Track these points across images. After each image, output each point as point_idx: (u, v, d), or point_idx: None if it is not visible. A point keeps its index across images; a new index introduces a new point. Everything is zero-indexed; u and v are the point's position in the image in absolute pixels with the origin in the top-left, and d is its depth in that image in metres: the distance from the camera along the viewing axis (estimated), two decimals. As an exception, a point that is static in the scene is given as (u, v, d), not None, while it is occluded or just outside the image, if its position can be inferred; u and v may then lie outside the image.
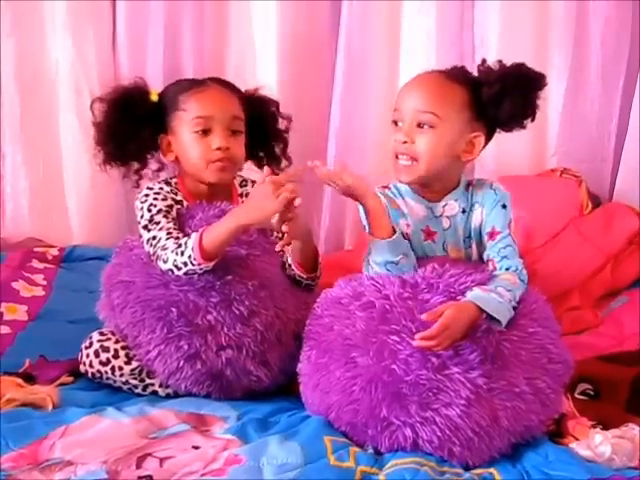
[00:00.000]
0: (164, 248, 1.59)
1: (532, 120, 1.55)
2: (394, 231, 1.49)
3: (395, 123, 1.54)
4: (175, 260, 1.56)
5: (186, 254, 1.55)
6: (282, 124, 1.82)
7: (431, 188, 1.54)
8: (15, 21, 2.32)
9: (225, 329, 1.58)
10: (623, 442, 1.41)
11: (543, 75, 1.53)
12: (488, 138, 1.57)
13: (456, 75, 1.54)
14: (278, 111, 1.81)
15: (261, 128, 1.78)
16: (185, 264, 1.56)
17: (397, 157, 1.53)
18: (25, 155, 2.39)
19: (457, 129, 1.51)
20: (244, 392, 1.62)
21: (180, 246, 1.57)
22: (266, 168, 1.65)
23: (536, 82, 1.53)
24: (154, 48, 2.40)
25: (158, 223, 1.63)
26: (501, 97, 1.49)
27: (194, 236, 1.55)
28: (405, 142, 1.51)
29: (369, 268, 1.53)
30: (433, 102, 1.50)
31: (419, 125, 1.50)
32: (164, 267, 1.58)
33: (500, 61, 1.55)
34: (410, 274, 1.48)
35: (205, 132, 1.67)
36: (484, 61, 1.57)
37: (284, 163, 1.83)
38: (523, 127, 1.56)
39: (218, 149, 1.66)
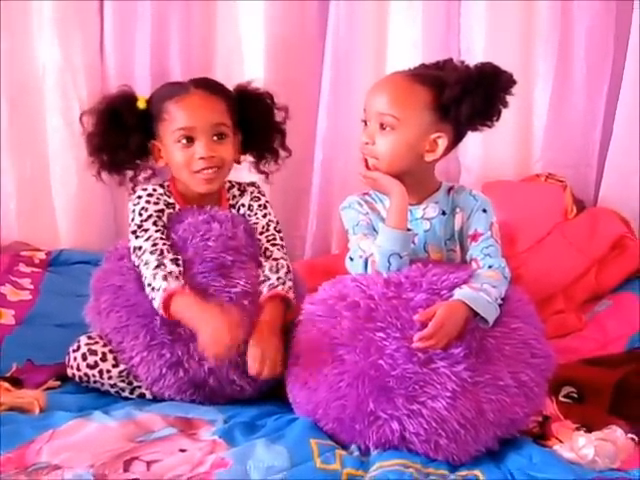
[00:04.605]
0: (146, 264, 1.60)
1: (497, 119, 1.57)
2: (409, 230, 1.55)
3: (364, 123, 1.59)
4: (149, 292, 1.59)
5: (155, 298, 1.57)
6: (278, 115, 1.80)
7: (408, 190, 1.55)
8: (1, 24, 2.31)
9: None
10: (606, 444, 1.43)
11: (509, 74, 1.54)
12: (457, 138, 1.59)
13: (422, 76, 1.56)
14: (273, 103, 1.80)
15: (256, 122, 1.77)
16: (155, 302, 1.58)
17: (365, 159, 1.58)
18: (12, 159, 2.38)
19: (418, 130, 1.54)
20: (228, 400, 1.62)
21: (153, 289, 1.57)
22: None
23: (500, 82, 1.54)
24: (141, 50, 2.40)
25: (146, 230, 1.65)
26: (460, 99, 1.51)
27: (160, 294, 1.55)
28: (367, 143, 1.56)
29: (355, 262, 1.56)
30: (393, 105, 1.54)
31: (382, 126, 1.55)
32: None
33: (463, 62, 1.58)
34: (395, 274, 1.51)
35: (189, 140, 1.68)
36: (450, 61, 1.59)
37: (284, 154, 1.83)
38: (489, 127, 1.58)
39: (202, 159, 1.67)
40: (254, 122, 1.77)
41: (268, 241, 1.73)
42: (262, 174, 1.84)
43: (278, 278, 1.66)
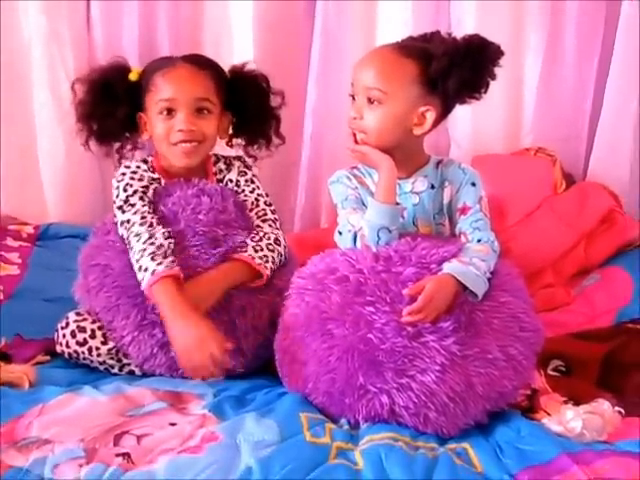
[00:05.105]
0: (136, 235, 1.59)
1: (485, 92, 1.56)
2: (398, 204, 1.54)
3: (352, 97, 1.58)
4: (137, 269, 1.58)
5: (144, 278, 1.55)
6: (274, 101, 1.78)
7: (397, 164, 1.55)
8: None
9: None
10: (593, 417, 1.44)
11: (497, 46, 1.53)
12: (446, 111, 1.59)
13: (409, 49, 1.55)
14: (269, 87, 1.78)
15: (250, 105, 1.76)
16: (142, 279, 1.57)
17: (354, 133, 1.57)
18: (-1, 131, 2.37)
19: (406, 104, 1.53)
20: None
21: (140, 268, 1.56)
22: None
23: (488, 54, 1.53)
24: (129, 25, 2.38)
25: (133, 205, 1.64)
26: (448, 71, 1.50)
27: (148, 277, 1.54)
28: (355, 118, 1.55)
29: (344, 236, 1.55)
30: (380, 79, 1.53)
31: (369, 101, 1.54)
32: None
33: (450, 34, 1.57)
34: (384, 248, 1.51)
35: (170, 113, 1.67)
36: (438, 33, 1.58)
37: (277, 141, 1.81)
38: (477, 99, 1.57)
39: (180, 131, 1.66)
40: (248, 104, 1.75)
41: (258, 217, 1.73)
42: (251, 157, 1.83)
43: (255, 247, 1.64)
